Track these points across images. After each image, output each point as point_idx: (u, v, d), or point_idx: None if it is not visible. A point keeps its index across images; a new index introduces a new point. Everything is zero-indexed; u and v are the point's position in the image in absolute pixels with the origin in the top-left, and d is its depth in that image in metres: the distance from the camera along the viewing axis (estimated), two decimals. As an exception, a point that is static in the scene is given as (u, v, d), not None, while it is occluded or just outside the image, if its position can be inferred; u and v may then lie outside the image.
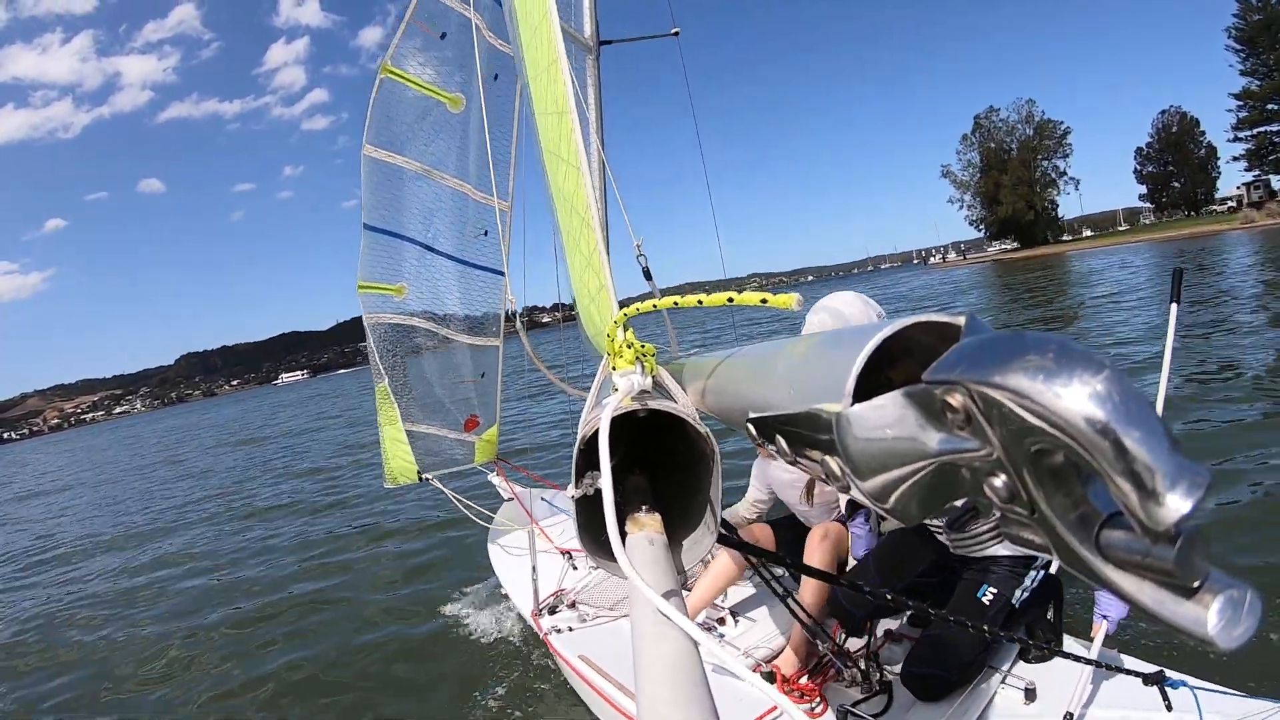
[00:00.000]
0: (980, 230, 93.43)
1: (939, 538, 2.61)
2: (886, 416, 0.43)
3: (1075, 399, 0.32)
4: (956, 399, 0.38)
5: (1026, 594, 2.44)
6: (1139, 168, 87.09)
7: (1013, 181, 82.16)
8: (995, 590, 2.42)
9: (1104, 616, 2.27)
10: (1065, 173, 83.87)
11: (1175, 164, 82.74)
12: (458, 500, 4.77)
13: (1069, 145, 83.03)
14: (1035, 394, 0.34)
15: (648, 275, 2.49)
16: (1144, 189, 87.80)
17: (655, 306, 1.07)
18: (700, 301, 1.01)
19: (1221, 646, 0.33)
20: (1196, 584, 0.33)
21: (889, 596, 1.77)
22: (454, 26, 4.24)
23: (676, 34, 4.48)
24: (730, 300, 0.97)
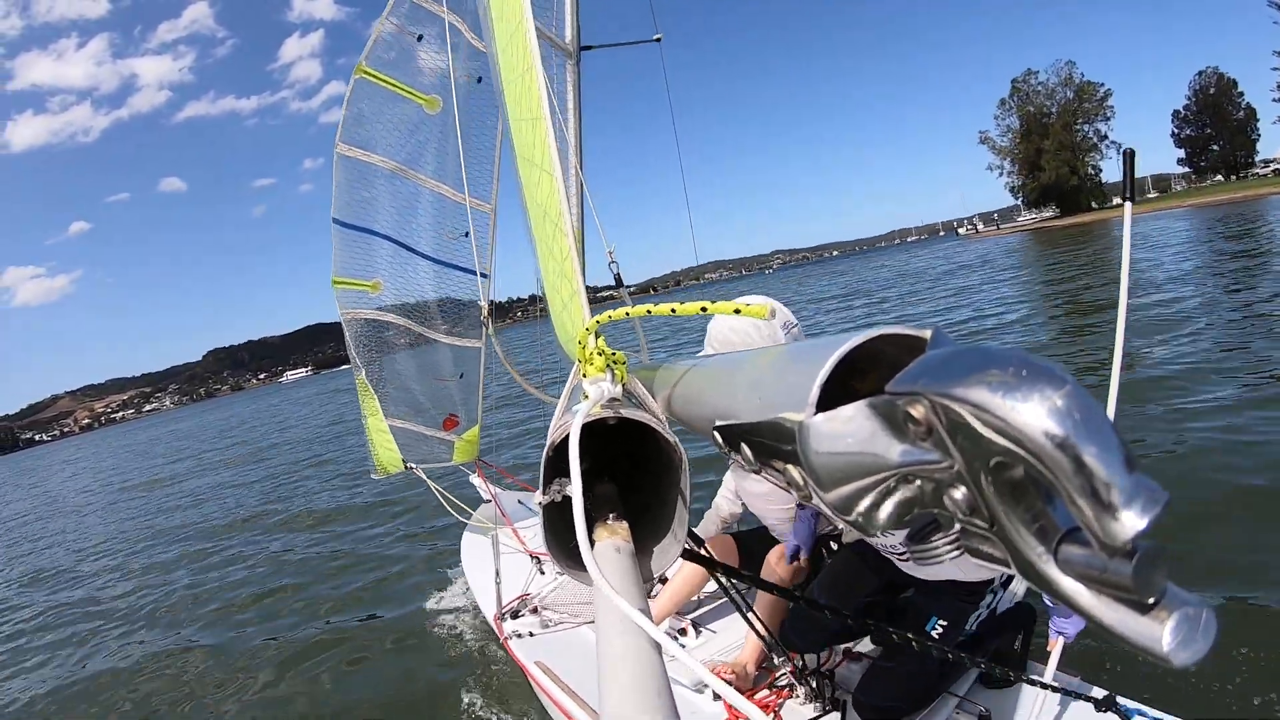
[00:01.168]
0: (1017, 198, 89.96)
1: (885, 556, 2.58)
2: (849, 427, 0.43)
3: (1034, 414, 0.32)
4: (919, 411, 0.38)
5: (981, 620, 2.40)
6: (1176, 131, 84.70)
7: (1055, 146, 78.52)
8: (945, 622, 2.35)
9: (1059, 633, 2.25)
10: (1106, 136, 79.84)
11: (1213, 126, 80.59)
12: (438, 492, 4.76)
13: (1110, 108, 78.90)
14: (995, 408, 0.34)
15: (619, 282, 2.49)
16: (1182, 153, 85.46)
17: (628, 314, 1.06)
18: (674, 310, 1.01)
19: (1176, 664, 0.33)
20: (1153, 600, 0.33)
21: (849, 620, 1.75)
22: (432, 29, 4.24)
23: (659, 40, 4.50)
24: (704, 309, 0.97)
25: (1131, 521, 0.30)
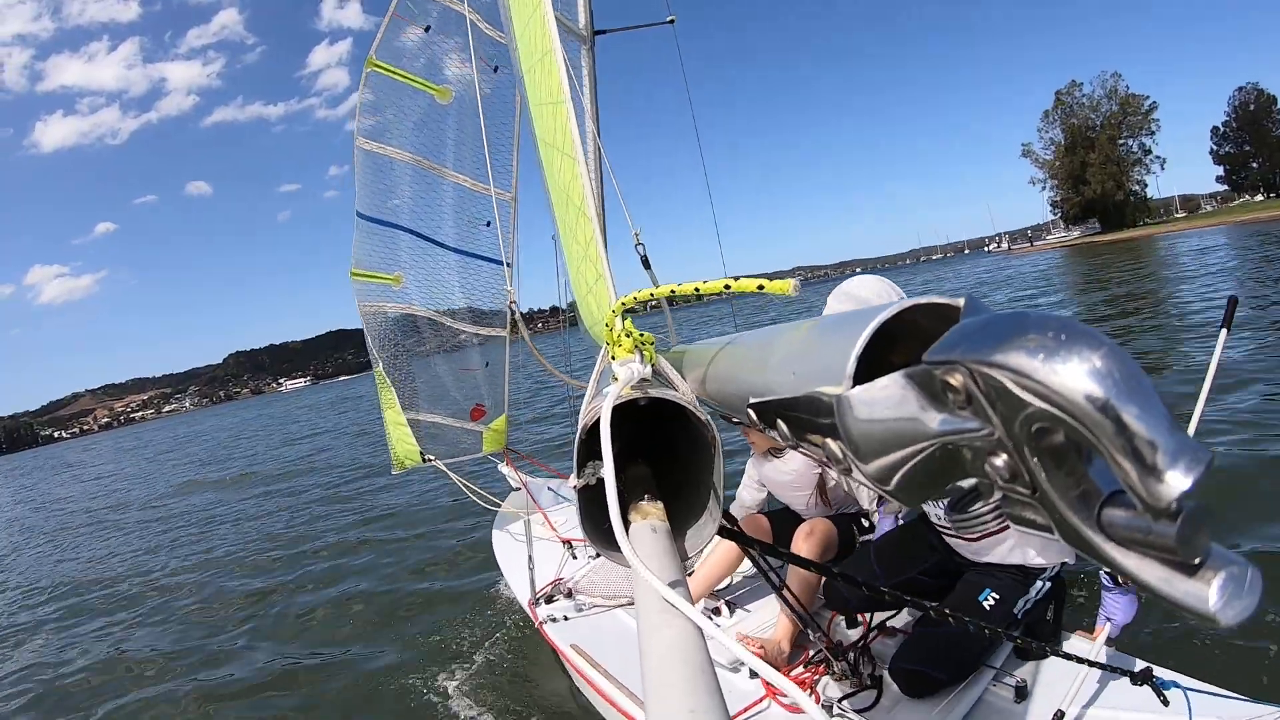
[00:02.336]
0: (1055, 213, 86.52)
1: (946, 539, 2.58)
2: (887, 398, 0.43)
3: (1075, 376, 0.32)
4: (957, 379, 0.38)
5: (1030, 604, 2.39)
6: (1215, 148, 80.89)
7: (1101, 160, 75.24)
8: (998, 596, 2.36)
9: (1109, 619, 2.21)
10: (1150, 151, 76.22)
11: (1252, 144, 77.11)
12: (462, 484, 4.79)
13: (1155, 122, 75.05)
14: (1035, 372, 0.34)
15: (646, 264, 2.48)
16: (1221, 170, 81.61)
17: (653, 295, 1.07)
18: (697, 289, 1.01)
19: (1222, 623, 0.33)
20: (1198, 561, 0.33)
21: (884, 591, 1.74)
22: (439, 20, 4.27)
23: (673, 21, 4.48)
24: (727, 287, 0.98)
25: (1176, 481, 0.30)
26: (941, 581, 2.57)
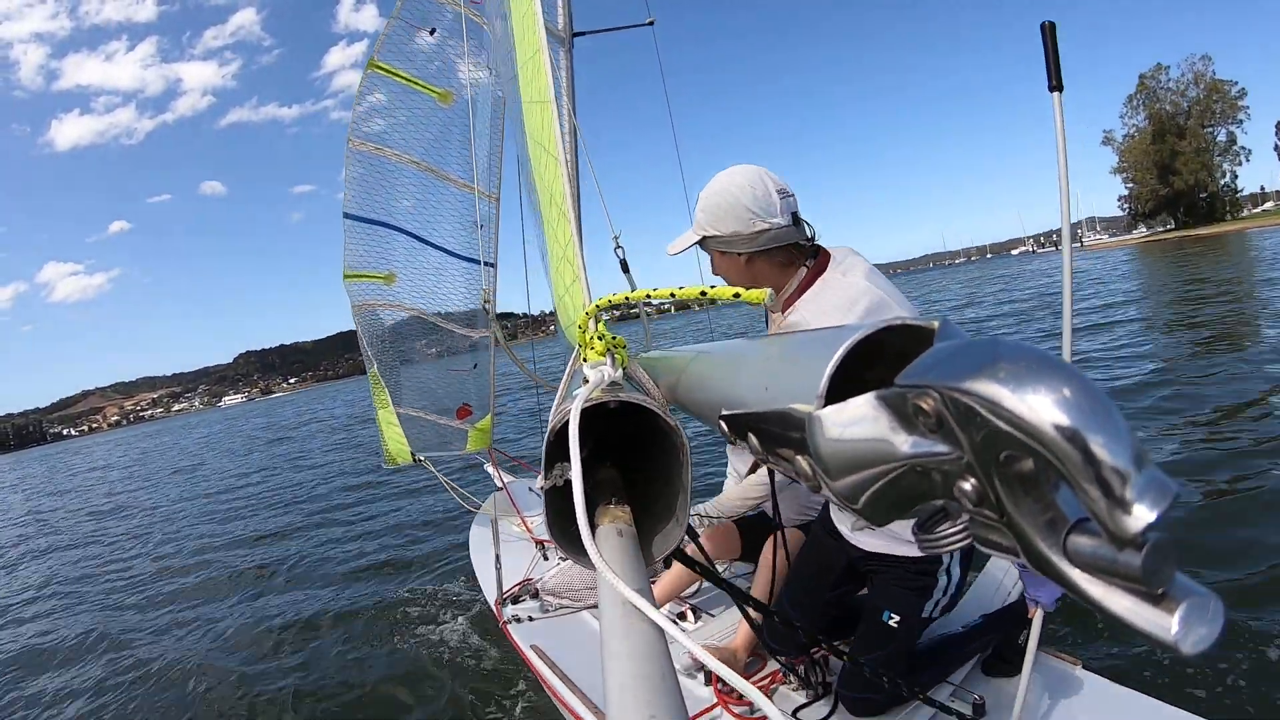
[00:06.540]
0: (1124, 208, 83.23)
1: (842, 536, 2.41)
2: (858, 418, 0.43)
3: (1044, 406, 0.33)
4: (928, 403, 0.38)
5: (939, 607, 2.29)
6: (1279, 144, 78.58)
7: (1192, 149, 71.79)
8: (899, 615, 2.26)
9: (1034, 601, 2.18)
10: (1235, 141, 72.83)
11: None
12: (446, 483, 4.82)
13: (1245, 109, 71.25)
14: (1005, 400, 0.34)
15: (625, 268, 2.47)
16: None
17: (628, 298, 1.07)
18: (673, 294, 1.02)
19: (1183, 651, 0.34)
20: (1161, 590, 0.34)
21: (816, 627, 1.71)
22: (446, 22, 4.26)
23: (651, 23, 4.50)
24: (704, 294, 0.98)
25: (1142, 513, 0.30)
26: (849, 590, 2.47)
